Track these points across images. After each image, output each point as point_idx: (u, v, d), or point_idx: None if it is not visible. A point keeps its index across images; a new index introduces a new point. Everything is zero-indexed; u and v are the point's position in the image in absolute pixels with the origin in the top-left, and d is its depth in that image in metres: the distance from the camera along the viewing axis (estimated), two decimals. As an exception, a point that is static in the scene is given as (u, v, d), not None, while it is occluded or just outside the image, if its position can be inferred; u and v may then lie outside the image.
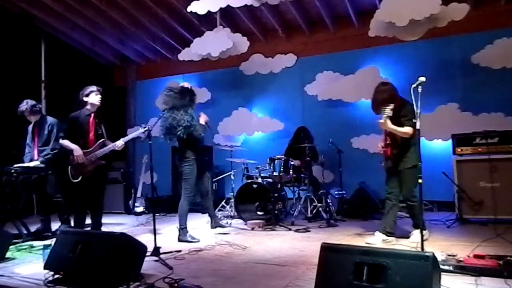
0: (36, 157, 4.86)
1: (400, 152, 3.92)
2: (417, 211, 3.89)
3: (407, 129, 3.83)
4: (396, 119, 3.88)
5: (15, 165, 4.67)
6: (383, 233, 3.97)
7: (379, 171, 6.47)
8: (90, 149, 4.33)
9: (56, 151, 4.84)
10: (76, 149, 4.26)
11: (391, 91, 4.00)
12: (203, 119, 4.58)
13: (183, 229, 4.33)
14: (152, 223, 3.82)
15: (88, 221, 4.46)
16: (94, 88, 4.47)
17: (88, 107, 4.44)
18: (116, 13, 6.77)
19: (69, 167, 4.28)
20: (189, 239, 4.27)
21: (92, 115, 4.43)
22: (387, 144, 4.07)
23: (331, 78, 6.96)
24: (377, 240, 3.93)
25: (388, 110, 3.72)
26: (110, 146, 4.35)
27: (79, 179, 4.24)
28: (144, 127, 4.00)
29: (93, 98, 4.43)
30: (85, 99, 4.43)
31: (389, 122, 3.80)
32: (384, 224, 4.01)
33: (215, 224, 4.77)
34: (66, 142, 4.34)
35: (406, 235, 4.13)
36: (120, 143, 4.35)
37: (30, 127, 5.02)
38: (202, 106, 7.27)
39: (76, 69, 7.77)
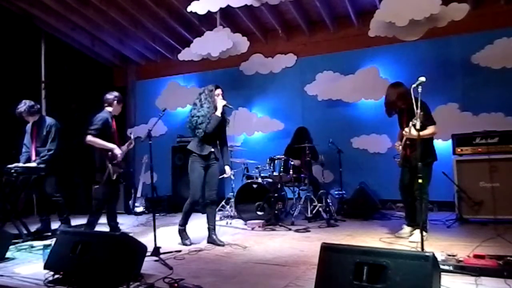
0: (34, 157, 4.85)
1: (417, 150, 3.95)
2: (421, 208, 3.87)
3: (431, 129, 3.91)
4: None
5: (15, 165, 4.66)
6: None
7: (379, 171, 6.52)
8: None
9: (52, 152, 4.83)
10: (115, 147, 4.50)
11: (399, 93, 4.06)
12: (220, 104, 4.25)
13: (180, 227, 4.21)
14: (152, 223, 3.82)
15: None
16: (120, 97, 4.78)
17: (110, 109, 4.68)
18: (116, 13, 6.77)
19: (110, 166, 4.40)
20: (182, 240, 4.14)
21: (113, 118, 4.73)
22: (406, 144, 4.11)
23: (331, 78, 6.96)
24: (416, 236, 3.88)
25: (415, 121, 3.36)
26: (125, 147, 4.69)
27: (115, 177, 4.45)
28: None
29: (117, 108, 4.74)
30: (112, 103, 4.69)
31: (413, 131, 3.59)
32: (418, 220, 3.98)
33: (210, 239, 4.21)
34: (99, 141, 4.41)
35: (407, 234, 4.18)
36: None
37: (29, 127, 5.00)
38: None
39: (76, 69, 7.77)
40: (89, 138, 4.41)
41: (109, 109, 4.68)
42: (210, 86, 4.33)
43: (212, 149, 4.19)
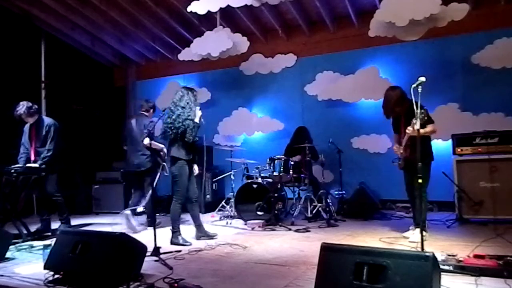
0: (33, 157, 4.84)
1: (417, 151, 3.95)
2: (420, 207, 3.86)
3: (432, 127, 3.92)
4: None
5: (17, 166, 4.66)
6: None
7: (379, 171, 6.52)
8: None
9: (52, 153, 4.83)
10: (164, 147, 5.01)
11: (397, 96, 4.08)
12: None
13: (175, 232, 4.20)
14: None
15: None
16: (155, 107, 5.57)
17: (147, 114, 5.36)
18: (116, 13, 6.77)
19: (163, 163, 4.62)
20: (181, 242, 4.13)
21: None
22: (407, 145, 4.09)
23: (331, 78, 6.97)
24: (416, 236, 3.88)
25: (417, 121, 3.36)
26: None
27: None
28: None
29: (151, 115, 5.42)
30: (149, 110, 5.42)
31: (417, 127, 3.54)
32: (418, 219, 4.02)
33: (200, 234, 4.40)
34: (155, 142, 5.05)
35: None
36: None
37: (27, 128, 4.97)
38: (202, 106, 7.25)
39: (76, 69, 7.77)
40: (148, 140, 4.96)
41: (146, 114, 5.35)
42: (192, 90, 4.43)
43: (192, 152, 4.37)
